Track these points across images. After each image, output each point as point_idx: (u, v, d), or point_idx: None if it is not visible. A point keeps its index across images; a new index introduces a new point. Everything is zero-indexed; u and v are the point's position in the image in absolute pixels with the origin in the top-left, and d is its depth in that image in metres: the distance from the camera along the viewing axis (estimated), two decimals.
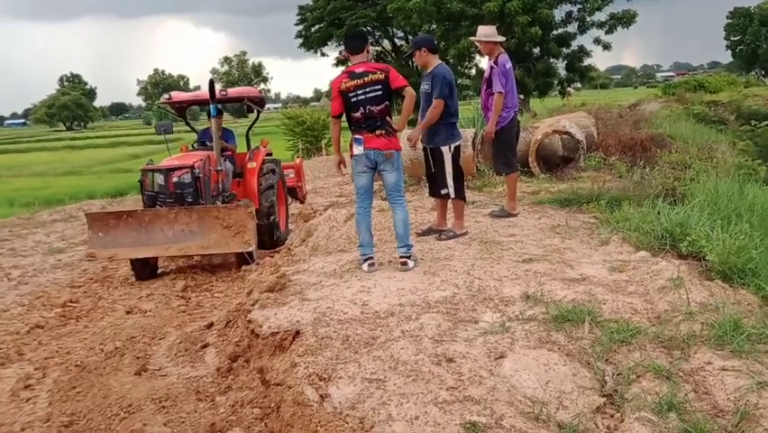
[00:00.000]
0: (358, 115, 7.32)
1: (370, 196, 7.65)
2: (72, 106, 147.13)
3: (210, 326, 7.77)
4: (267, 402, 5.11)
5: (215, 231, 10.20)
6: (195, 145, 12.46)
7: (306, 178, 24.06)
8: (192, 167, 10.75)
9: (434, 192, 8.72)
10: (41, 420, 5.76)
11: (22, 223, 17.54)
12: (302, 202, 15.39)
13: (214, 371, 6.44)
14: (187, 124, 14.03)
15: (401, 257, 7.36)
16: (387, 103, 7.36)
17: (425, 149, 8.61)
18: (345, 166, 7.97)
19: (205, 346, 7.23)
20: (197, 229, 10.26)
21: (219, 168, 11.27)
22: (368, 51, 7.58)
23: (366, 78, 7.26)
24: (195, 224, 10.28)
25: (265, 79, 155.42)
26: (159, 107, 17.95)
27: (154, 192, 10.88)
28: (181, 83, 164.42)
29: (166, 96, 12.63)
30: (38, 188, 36.33)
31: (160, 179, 10.83)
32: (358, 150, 7.39)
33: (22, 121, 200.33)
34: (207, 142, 12.10)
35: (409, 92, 7.36)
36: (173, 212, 10.32)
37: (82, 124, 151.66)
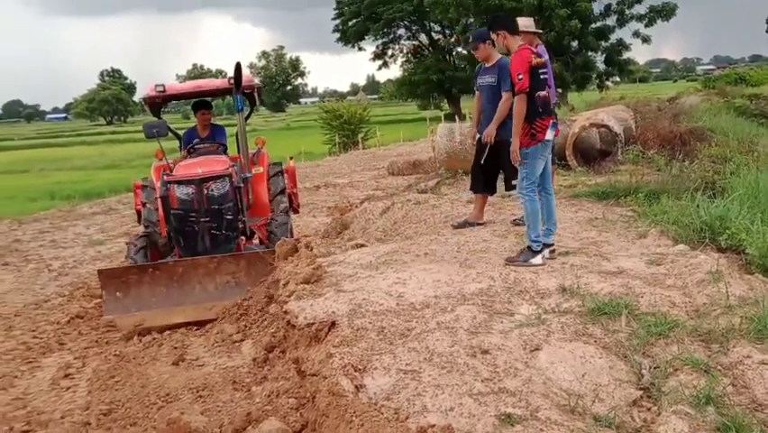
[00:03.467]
0: (545, 93, 6.95)
1: None
2: (112, 101, 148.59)
3: None
4: (302, 392, 5.13)
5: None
6: (187, 150, 9.99)
7: (342, 171, 24.33)
8: (229, 175, 8.72)
9: (488, 187, 8.60)
10: (80, 408, 5.85)
11: (62, 215, 17.82)
12: (296, 212, 12.10)
13: (251, 361, 6.49)
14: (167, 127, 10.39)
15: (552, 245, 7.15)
16: None
17: (486, 143, 8.49)
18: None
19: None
20: (247, 280, 8.13)
21: (248, 174, 9.45)
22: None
23: (543, 59, 7.06)
24: (243, 273, 8.22)
25: (302, 74, 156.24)
26: (141, 102, 14.41)
27: (182, 210, 8.54)
28: (219, 77, 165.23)
29: (159, 87, 9.86)
30: (78, 182, 36.73)
31: (187, 192, 8.53)
32: (551, 135, 6.98)
33: (64, 115, 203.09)
34: (200, 146, 9.94)
35: None
36: (214, 261, 8.25)
37: (122, 118, 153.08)
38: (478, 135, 8.77)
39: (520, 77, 6.76)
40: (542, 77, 6.92)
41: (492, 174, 8.45)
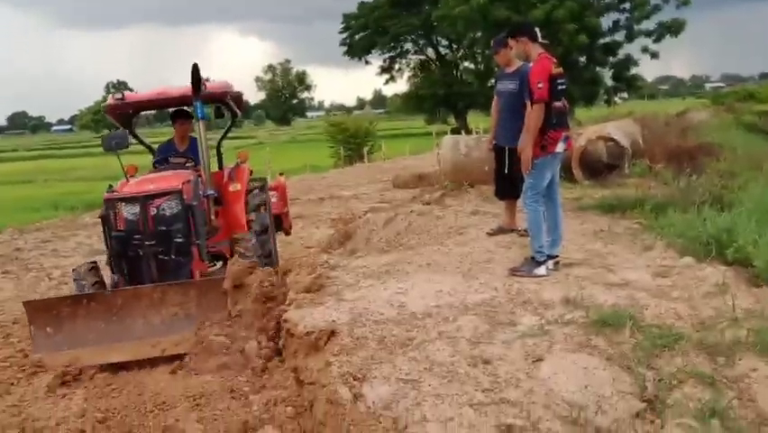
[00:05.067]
0: (560, 104, 6.87)
1: None
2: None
3: None
4: (300, 401, 5.08)
5: (224, 313, 7.02)
6: (155, 165, 9.16)
7: (347, 184, 24.29)
8: (179, 191, 7.65)
9: (513, 191, 8.43)
10: (75, 416, 5.77)
11: (64, 225, 17.81)
12: (287, 233, 11.40)
13: (249, 370, 6.41)
14: (136, 137, 9.97)
15: (557, 257, 7.10)
16: None
17: (502, 149, 8.52)
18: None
19: None
20: (197, 312, 7.05)
21: (210, 191, 8.30)
22: None
23: (561, 69, 6.94)
24: (193, 304, 7.09)
25: (309, 87, 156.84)
26: (103, 113, 10.72)
27: (124, 232, 7.52)
28: None
29: (117, 95, 8.91)
30: (82, 192, 36.66)
31: (132, 211, 7.52)
32: (561, 147, 6.94)
33: (69, 127, 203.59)
34: (172, 159, 9.08)
35: None
36: (158, 290, 7.14)
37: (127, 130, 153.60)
38: (494, 142, 8.75)
39: (540, 85, 6.71)
40: (559, 87, 6.84)
41: (515, 179, 8.21)
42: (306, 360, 5.41)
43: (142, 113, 10.86)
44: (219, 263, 8.78)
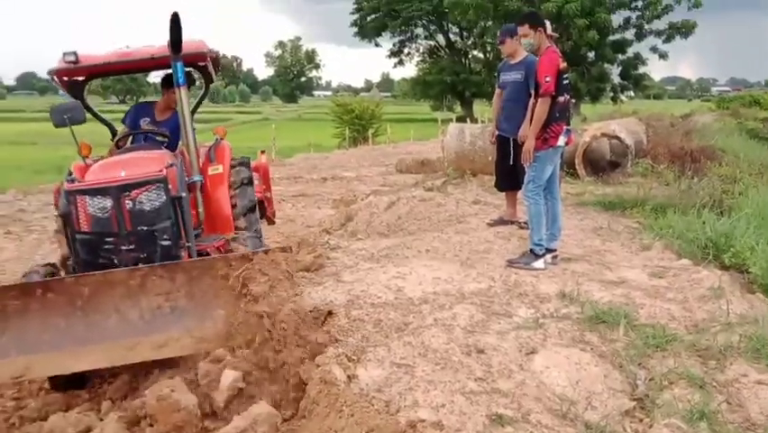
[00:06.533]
0: (564, 99, 6.90)
1: None
2: (126, 80, 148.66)
3: None
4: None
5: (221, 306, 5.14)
6: (119, 144, 7.56)
7: (350, 165, 24.26)
8: (163, 179, 5.68)
9: (514, 183, 8.51)
10: None
11: None
12: (271, 222, 9.34)
13: None
14: (89, 109, 7.62)
15: (555, 251, 7.17)
16: None
17: (506, 140, 8.56)
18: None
19: None
20: (188, 304, 5.17)
21: (197, 177, 6.60)
22: None
23: (566, 64, 6.99)
24: (182, 293, 5.18)
25: (317, 66, 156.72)
26: (52, 79, 7.25)
27: (92, 234, 5.58)
28: (234, 65, 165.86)
29: (70, 56, 6.64)
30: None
31: (101, 206, 5.53)
32: (563, 141, 6.95)
33: None
34: (143, 126, 7.52)
35: None
36: (138, 273, 5.14)
37: (135, 98, 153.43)
38: (497, 133, 8.76)
39: (548, 79, 6.73)
40: (564, 82, 6.89)
41: (518, 170, 8.20)
42: None
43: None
44: None
